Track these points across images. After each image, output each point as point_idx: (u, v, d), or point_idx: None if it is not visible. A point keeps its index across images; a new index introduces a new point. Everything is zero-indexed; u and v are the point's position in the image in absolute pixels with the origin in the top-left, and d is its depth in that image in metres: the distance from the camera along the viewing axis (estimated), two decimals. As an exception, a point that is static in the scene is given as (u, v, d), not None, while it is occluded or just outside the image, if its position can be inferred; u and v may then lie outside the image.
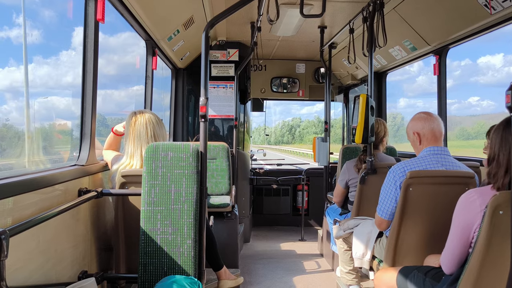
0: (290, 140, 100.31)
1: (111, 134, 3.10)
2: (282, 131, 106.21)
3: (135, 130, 2.79)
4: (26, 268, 1.87)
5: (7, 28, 2.60)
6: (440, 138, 2.67)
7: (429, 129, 2.66)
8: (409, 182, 2.52)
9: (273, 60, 6.91)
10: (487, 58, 65.21)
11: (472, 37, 3.65)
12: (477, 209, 1.85)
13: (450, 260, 2.02)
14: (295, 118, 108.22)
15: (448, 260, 2.03)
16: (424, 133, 2.68)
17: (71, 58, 3.32)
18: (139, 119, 2.81)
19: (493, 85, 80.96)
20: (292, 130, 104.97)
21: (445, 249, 2.05)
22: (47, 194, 2.09)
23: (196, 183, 2.38)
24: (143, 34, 3.98)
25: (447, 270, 2.05)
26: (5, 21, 2.56)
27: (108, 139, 3.11)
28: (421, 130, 2.69)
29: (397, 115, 27.39)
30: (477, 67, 61.99)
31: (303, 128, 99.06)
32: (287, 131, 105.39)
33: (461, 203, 1.94)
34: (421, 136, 2.70)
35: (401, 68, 5.33)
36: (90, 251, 2.63)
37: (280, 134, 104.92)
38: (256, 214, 6.93)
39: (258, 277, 4.50)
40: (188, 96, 6.05)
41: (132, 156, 2.78)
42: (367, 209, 3.40)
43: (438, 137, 2.66)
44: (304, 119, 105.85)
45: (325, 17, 4.67)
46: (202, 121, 2.41)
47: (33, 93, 3.02)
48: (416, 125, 2.72)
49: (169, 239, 2.36)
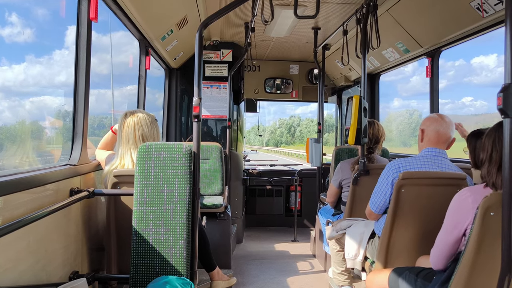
0: (289, 140, 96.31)
1: (110, 132, 3.09)
2: (281, 130, 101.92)
3: (123, 132, 2.79)
4: (16, 268, 1.85)
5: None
6: (443, 142, 2.68)
7: (434, 130, 2.68)
8: (401, 183, 2.54)
9: (266, 61, 6.91)
10: (481, 59, 65.71)
11: (464, 39, 3.68)
12: (469, 206, 1.89)
13: (438, 256, 2.07)
14: (293, 117, 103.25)
15: (437, 256, 2.07)
16: (428, 132, 2.71)
17: (64, 58, 3.29)
18: (128, 121, 2.80)
19: (487, 85, 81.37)
20: (292, 129, 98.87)
21: (435, 245, 2.10)
22: (38, 194, 2.07)
23: (189, 184, 2.38)
24: (136, 34, 3.96)
25: (435, 265, 2.10)
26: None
27: (105, 138, 3.09)
28: (426, 128, 2.72)
29: (414, 111, 27.18)
30: (471, 67, 62.60)
31: (305, 127, 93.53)
32: (285, 129, 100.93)
33: (454, 201, 1.99)
34: (424, 135, 2.73)
35: (395, 69, 5.36)
36: (82, 252, 2.61)
37: (279, 133, 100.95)
38: (249, 215, 6.93)
39: (250, 278, 4.49)
40: (181, 96, 6.03)
41: (122, 157, 2.77)
42: (360, 210, 3.41)
43: (441, 140, 2.67)
44: (304, 118, 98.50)
45: (318, 18, 4.69)
46: (195, 121, 2.41)
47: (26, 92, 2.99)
48: (424, 123, 2.76)
49: (161, 239, 2.35)
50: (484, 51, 53.83)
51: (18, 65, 2.82)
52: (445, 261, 2.05)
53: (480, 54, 54.44)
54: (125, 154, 2.77)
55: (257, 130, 12.86)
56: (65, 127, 3.03)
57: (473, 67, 55.46)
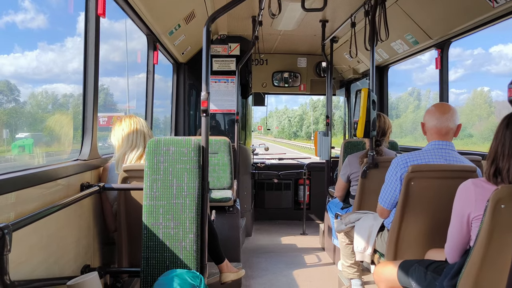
0: (310, 134, 74.75)
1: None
2: (297, 121, 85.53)
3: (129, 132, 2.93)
4: (29, 262, 1.88)
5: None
6: (445, 134, 2.62)
7: (432, 125, 2.64)
8: (410, 176, 2.53)
9: (274, 54, 6.88)
10: (500, 47, 62.84)
11: (474, 30, 3.63)
12: (472, 198, 1.89)
13: (451, 249, 2.06)
14: (303, 105, 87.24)
15: (450, 249, 2.07)
16: (428, 126, 2.67)
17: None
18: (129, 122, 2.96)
19: (505, 75, 78.69)
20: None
21: (447, 239, 2.09)
22: (49, 189, 2.09)
23: (198, 178, 2.39)
24: (144, 29, 3.97)
25: (449, 259, 2.10)
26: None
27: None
28: (426, 122, 2.68)
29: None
30: (490, 56, 59.60)
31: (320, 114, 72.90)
32: (298, 122, 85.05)
33: (458, 193, 1.99)
34: (425, 129, 2.70)
35: (404, 61, 5.32)
36: (93, 246, 2.65)
37: (298, 125, 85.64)
38: (258, 208, 6.95)
39: (259, 271, 4.52)
40: (189, 90, 6.05)
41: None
42: (369, 203, 3.40)
43: (442, 133, 2.62)
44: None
45: (326, 11, 4.65)
46: (204, 116, 2.41)
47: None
48: (425, 116, 2.72)
49: (171, 233, 2.37)
50: (503, 39, 51.70)
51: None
52: (458, 253, 2.04)
53: (499, 43, 52.14)
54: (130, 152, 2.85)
55: (266, 124, 12.84)
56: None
57: (492, 56, 53.22)
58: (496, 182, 1.83)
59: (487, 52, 57.07)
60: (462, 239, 2.00)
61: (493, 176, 1.85)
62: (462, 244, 2.02)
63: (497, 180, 1.83)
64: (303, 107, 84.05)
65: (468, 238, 1.98)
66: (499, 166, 1.83)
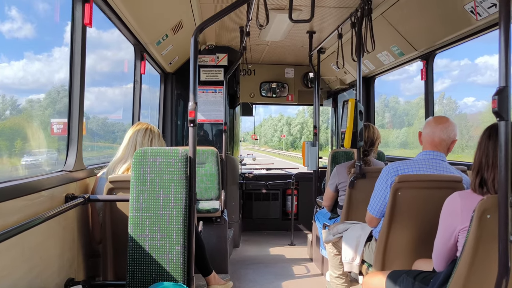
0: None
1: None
2: (292, 130, 75.35)
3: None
4: (11, 276, 1.83)
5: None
6: (438, 144, 2.67)
7: (428, 134, 2.70)
8: (397, 186, 2.54)
9: (262, 65, 6.92)
10: (485, 58, 64.07)
11: (458, 42, 3.70)
12: (458, 211, 1.92)
13: (437, 258, 2.09)
14: (300, 111, 75.23)
15: (436, 258, 2.10)
16: (424, 135, 2.74)
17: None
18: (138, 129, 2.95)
19: (490, 85, 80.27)
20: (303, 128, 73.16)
21: (434, 247, 2.12)
22: (32, 201, 2.05)
23: (185, 189, 2.36)
24: (131, 38, 3.95)
25: (436, 267, 2.12)
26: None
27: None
28: (423, 131, 2.75)
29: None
30: (476, 67, 60.28)
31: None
32: (298, 131, 74.28)
33: (444, 206, 2.02)
34: (422, 138, 2.77)
35: (389, 72, 5.39)
36: (77, 258, 2.59)
37: (293, 135, 74.86)
38: (246, 219, 6.91)
39: (247, 282, 4.47)
40: (177, 100, 6.03)
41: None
42: (356, 213, 3.41)
43: (436, 143, 2.67)
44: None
45: (313, 22, 4.70)
46: (191, 126, 2.40)
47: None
48: (423, 126, 2.79)
49: (157, 245, 2.33)
50: (489, 51, 52.56)
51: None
52: (444, 262, 2.08)
53: (485, 54, 52.89)
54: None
55: (254, 133, 12.82)
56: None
57: (479, 66, 53.69)
58: (482, 193, 1.86)
59: (473, 63, 58.10)
60: (449, 250, 2.03)
61: (479, 187, 1.88)
62: (448, 254, 2.04)
63: (483, 190, 1.86)
64: (300, 113, 75.80)
65: (455, 249, 2.00)
66: (484, 177, 1.86)
